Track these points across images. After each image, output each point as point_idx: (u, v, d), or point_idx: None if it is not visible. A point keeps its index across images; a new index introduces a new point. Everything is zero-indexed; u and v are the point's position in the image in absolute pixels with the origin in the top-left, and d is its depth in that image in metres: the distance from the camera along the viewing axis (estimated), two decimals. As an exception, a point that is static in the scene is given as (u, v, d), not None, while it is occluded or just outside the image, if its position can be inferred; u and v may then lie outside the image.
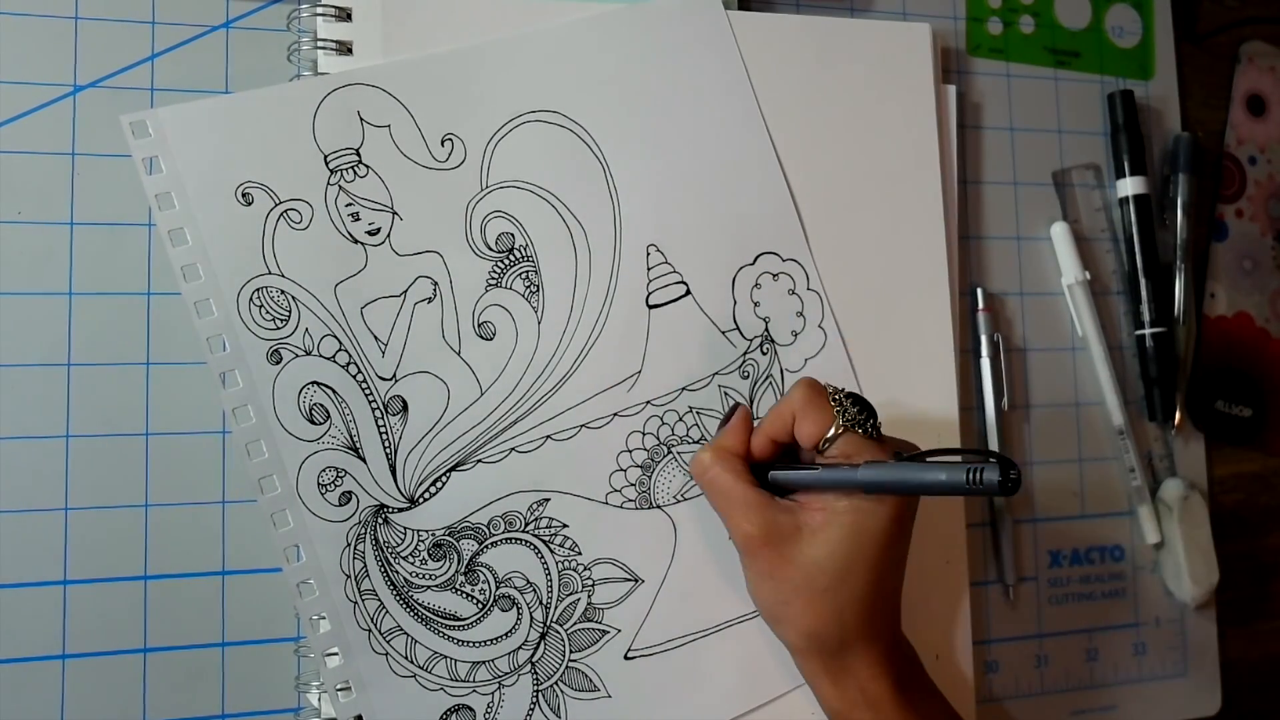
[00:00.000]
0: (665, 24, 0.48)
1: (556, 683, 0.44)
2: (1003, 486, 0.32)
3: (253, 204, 0.42)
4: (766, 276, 0.48)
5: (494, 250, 0.45)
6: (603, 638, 0.44)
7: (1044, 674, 0.53)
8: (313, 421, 0.42)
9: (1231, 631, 0.58)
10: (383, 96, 0.44)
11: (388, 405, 0.43)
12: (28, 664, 0.41)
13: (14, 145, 0.43)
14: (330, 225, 0.43)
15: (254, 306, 0.42)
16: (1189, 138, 0.59)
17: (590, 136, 0.47)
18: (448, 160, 0.45)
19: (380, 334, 0.43)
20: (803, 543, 0.39)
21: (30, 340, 0.42)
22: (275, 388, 0.42)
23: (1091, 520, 0.56)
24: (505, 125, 0.46)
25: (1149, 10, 0.60)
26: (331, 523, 0.42)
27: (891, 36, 0.52)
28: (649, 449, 0.46)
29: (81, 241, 0.43)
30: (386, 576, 0.42)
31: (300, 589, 0.41)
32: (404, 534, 0.43)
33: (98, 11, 0.44)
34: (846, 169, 0.50)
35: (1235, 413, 0.59)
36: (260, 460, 0.41)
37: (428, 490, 0.43)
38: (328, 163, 0.43)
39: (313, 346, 0.42)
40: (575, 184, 0.46)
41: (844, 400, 0.40)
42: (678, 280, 0.47)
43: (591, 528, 0.45)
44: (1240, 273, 0.60)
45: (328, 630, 0.41)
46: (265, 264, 0.42)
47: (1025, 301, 0.56)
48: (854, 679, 0.40)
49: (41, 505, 0.42)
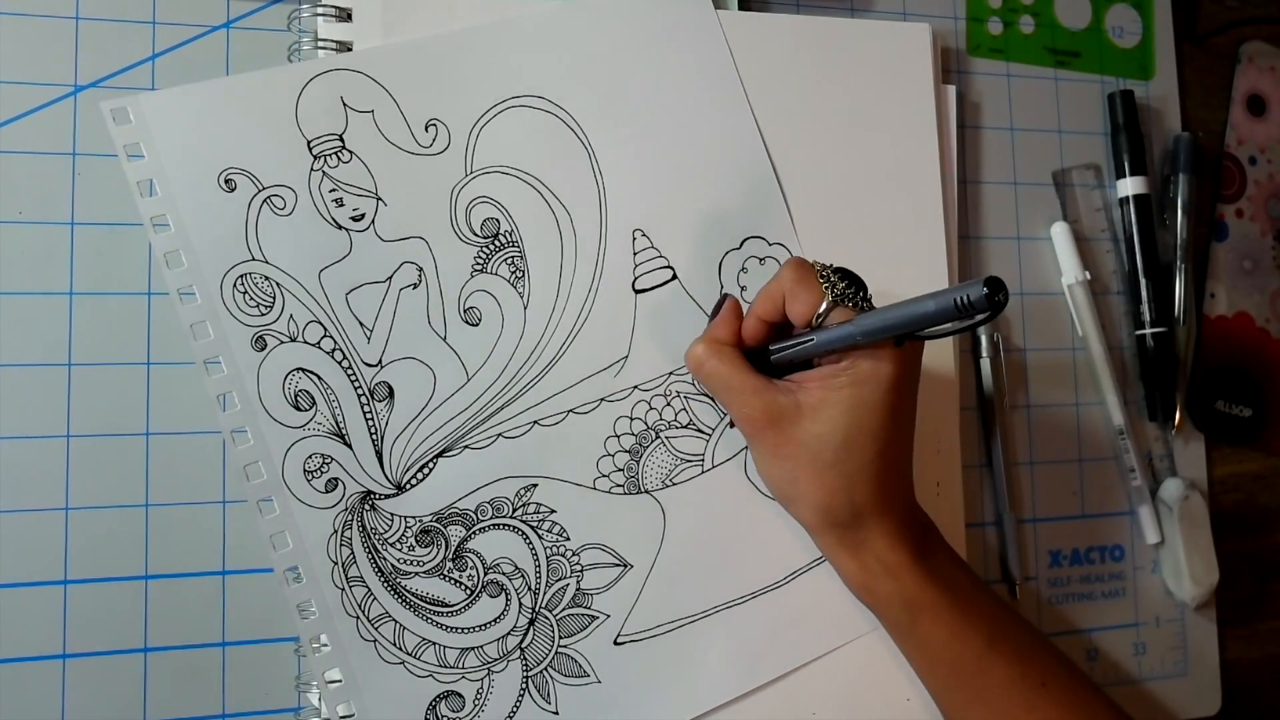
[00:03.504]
0: (650, 9, 0.48)
1: (546, 668, 0.44)
2: (990, 301, 0.32)
3: (235, 190, 0.42)
4: (753, 260, 0.48)
5: (479, 236, 0.45)
6: (592, 623, 0.44)
7: (1044, 674, 0.53)
8: (298, 408, 0.42)
9: (1231, 631, 0.58)
10: (366, 82, 0.44)
11: (374, 391, 0.43)
12: (28, 664, 0.41)
13: (14, 145, 0.43)
14: (314, 211, 0.43)
15: (238, 293, 0.42)
16: (1189, 138, 0.59)
17: (575, 121, 0.47)
18: (432, 146, 0.45)
19: (365, 320, 0.43)
20: (804, 419, 0.40)
21: (30, 340, 0.42)
22: (260, 374, 0.42)
23: (1091, 520, 0.56)
24: (490, 110, 0.46)
25: (1149, 10, 0.60)
26: (318, 509, 0.42)
27: (891, 36, 0.52)
28: (636, 434, 0.46)
29: (81, 241, 0.43)
30: (374, 563, 0.42)
31: (287, 576, 0.41)
32: (391, 520, 0.43)
33: (98, 11, 0.44)
34: (846, 169, 0.50)
35: (1235, 413, 0.59)
36: (245, 447, 0.41)
37: (415, 476, 0.43)
38: (311, 148, 0.43)
39: (297, 333, 0.42)
40: (560, 169, 0.46)
41: (832, 276, 0.40)
42: (664, 265, 0.47)
43: (580, 513, 0.45)
44: (1240, 273, 0.60)
45: (315, 618, 0.41)
46: (249, 250, 0.42)
47: (1025, 301, 0.56)
48: (871, 550, 0.41)
49: (41, 505, 0.42)
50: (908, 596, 0.41)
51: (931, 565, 0.41)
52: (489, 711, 0.43)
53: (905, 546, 0.41)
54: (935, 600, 0.41)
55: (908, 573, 0.41)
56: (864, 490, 0.40)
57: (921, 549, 0.41)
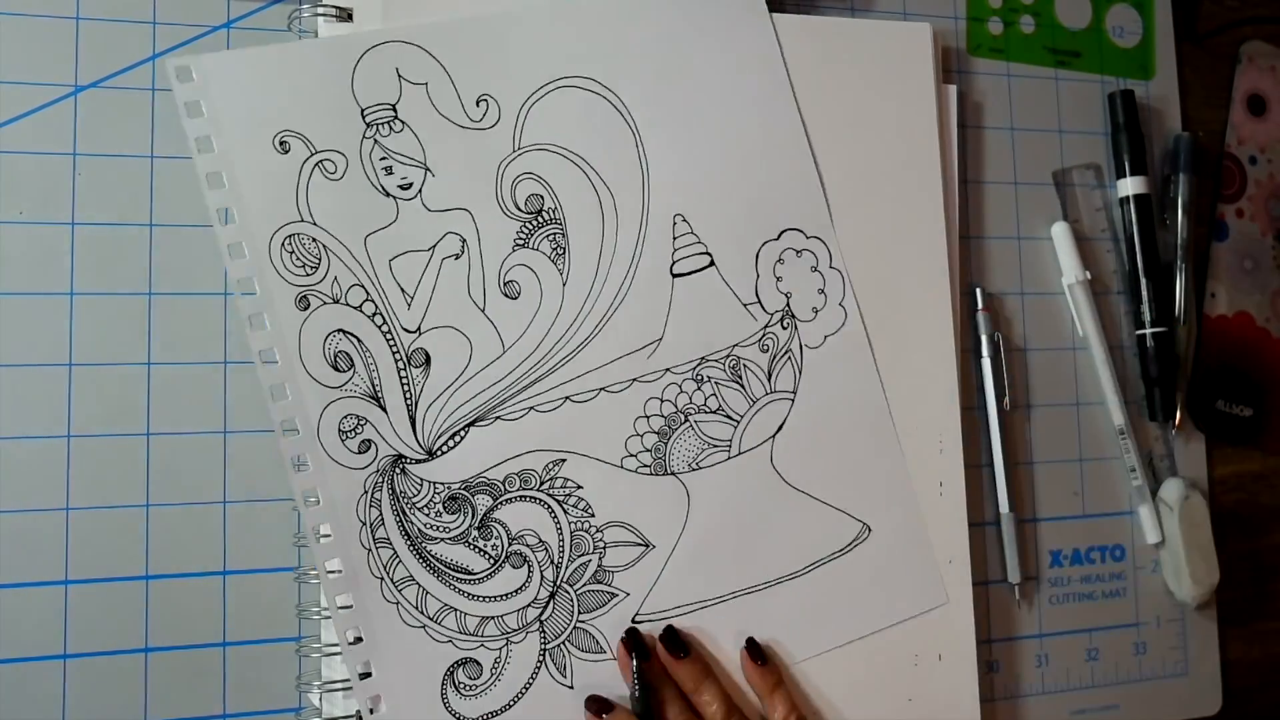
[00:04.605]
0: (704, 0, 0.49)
1: (564, 642, 0.44)
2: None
3: (289, 152, 0.43)
4: (790, 252, 0.49)
5: (523, 211, 0.45)
6: (611, 600, 0.45)
7: (1044, 674, 0.53)
8: (337, 368, 0.43)
9: (1231, 631, 0.58)
10: (421, 55, 0.45)
11: (411, 357, 0.44)
12: (29, 664, 0.41)
13: (15, 145, 0.43)
14: (364, 177, 0.44)
15: (285, 253, 0.42)
16: (1189, 138, 0.59)
17: (623, 105, 0.47)
18: (482, 120, 0.45)
19: (407, 286, 0.44)
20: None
21: (31, 340, 0.42)
22: (302, 333, 0.42)
23: (1092, 520, 0.56)
24: (540, 89, 0.46)
25: (1149, 10, 0.60)
26: (350, 470, 0.42)
27: (892, 36, 0.52)
28: (666, 416, 0.46)
29: (82, 241, 0.43)
30: (401, 526, 0.43)
31: (317, 533, 0.42)
32: (420, 485, 0.43)
33: (98, 11, 0.44)
34: (847, 169, 0.50)
35: (1235, 412, 0.59)
36: (284, 404, 0.42)
37: (446, 443, 0.44)
38: (364, 116, 0.44)
39: (340, 295, 0.43)
40: (606, 151, 0.47)
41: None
42: (702, 251, 0.48)
43: (606, 491, 0.45)
44: (1241, 272, 0.60)
45: (340, 577, 0.42)
46: (298, 211, 0.43)
47: (1025, 301, 0.56)
48: None
49: (42, 505, 0.42)
50: None
51: None
52: (505, 681, 0.43)
53: None
54: None
55: None
56: None
57: None
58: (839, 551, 0.48)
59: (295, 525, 0.44)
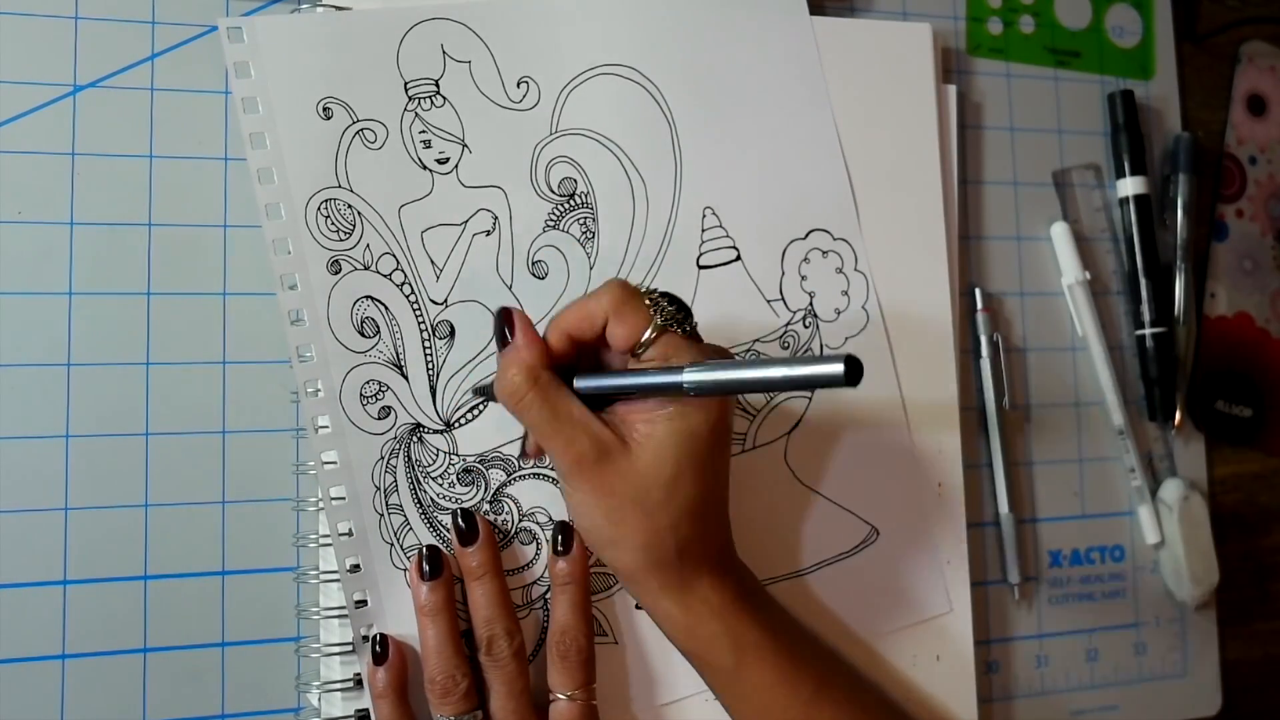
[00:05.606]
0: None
1: None
2: (848, 381, 0.29)
3: (332, 118, 0.43)
4: (816, 252, 0.49)
5: (556, 193, 0.46)
6: (616, 583, 0.45)
7: (1044, 674, 0.53)
8: (363, 334, 0.43)
9: (1231, 631, 0.58)
10: (467, 34, 0.45)
11: (436, 328, 0.44)
12: (28, 664, 0.41)
13: (14, 145, 0.43)
14: (402, 148, 0.44)
15: (321, 217, 0.43)
16: (1189, 138, 0.59)
17: (661, 95, 0.48)
18: (522, 101, 0.46)
19: (437, 259, 0.44)
20: (631, 455, 0.37)
21: (30, 340, 0.42)
22: (331, 297, 0.43)
23: (1091, 520, 0.56)
24: (581, 74, 0.47)
25: (1149, 10, 0.60)
26: (369, 434, 0.43)
27: (891, 36, 0.52)
28: None
29: (81, 241, 0.43)
30: (414, 494, 0.43)
31: (331, 495, 0.42)
32: (436, 455, 0.44)
33: (98, 11, 0.44)
34: (847, 169, 0.50)
35: (1235, 413, 0.59)
36: (308, 364, 0.42)
37: (464, 416, 0.44)
38: (407, 89, 0.45)
39: (371, 262, 0.43)
40: (642, 140, 0.47)
41: (660, 299, 0.38)
42: (730, 245, 0.48)
43: None
44: (1240, 273, 0.60)
45: (351, 539, 0.42)
46: (336, 177, 0.43)
47: (1025, 301, 0.56)
48: (695, 591, 0.39)
49: (41, 505, 0.42)
50: (734, 637, 0.38)
51: (756, 604, 0.40)
52: None
53: (729, 588, 0.39)
54: (761, 641, 0.39)
55: (733, 613, 0.39)
56: (689, 530, 0.38)
57: (745, 590, 0.40)
58: (847, 552, 0.48)
59: (295, 525, 0.44)
